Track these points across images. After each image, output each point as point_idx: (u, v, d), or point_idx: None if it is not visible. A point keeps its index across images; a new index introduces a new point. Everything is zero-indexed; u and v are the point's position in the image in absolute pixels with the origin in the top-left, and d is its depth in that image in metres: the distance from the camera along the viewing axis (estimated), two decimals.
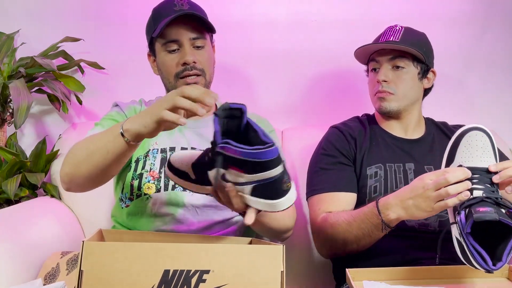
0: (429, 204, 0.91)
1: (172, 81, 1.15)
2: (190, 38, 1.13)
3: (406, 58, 1.22)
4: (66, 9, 1.69)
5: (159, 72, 1.21)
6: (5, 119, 1.59)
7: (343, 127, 1.29)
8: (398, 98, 1.22)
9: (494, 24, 1.70)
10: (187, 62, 1.12)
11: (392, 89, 1.21)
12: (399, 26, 1.25)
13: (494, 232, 0.81)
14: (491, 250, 0.80)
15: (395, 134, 1.27)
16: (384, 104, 1.22)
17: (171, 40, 1.13)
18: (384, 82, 1.21)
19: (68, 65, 1.66)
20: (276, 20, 1.69)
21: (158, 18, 1.13)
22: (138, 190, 1.12)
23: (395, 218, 0.98)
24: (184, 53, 1.13)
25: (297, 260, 1.41)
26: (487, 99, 1.71)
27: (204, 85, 1.16)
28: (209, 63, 1.17)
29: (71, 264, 1.14)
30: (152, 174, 1.13)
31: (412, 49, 1.19)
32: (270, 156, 0.73)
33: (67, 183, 0.98)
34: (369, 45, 1.24)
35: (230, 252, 0.75)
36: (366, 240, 1.04)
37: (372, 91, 1.27)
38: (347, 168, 1.21)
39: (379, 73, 1.23)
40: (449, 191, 0.86)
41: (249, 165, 0.73)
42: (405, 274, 0.91)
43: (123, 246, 0.75)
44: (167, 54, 1.14)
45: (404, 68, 1.22)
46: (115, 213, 1.19)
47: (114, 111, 1.18)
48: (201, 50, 1.15)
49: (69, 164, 0.96)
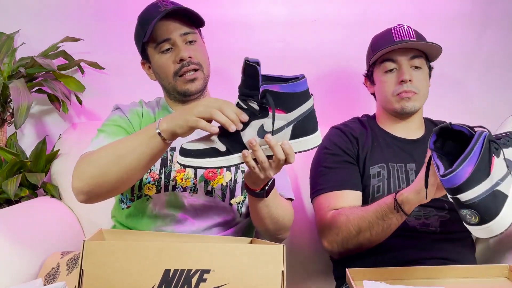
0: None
1: (172, 81, 1.14)
2: (181, 34, 1.13)
3: (422, 57, 1.23)
4: (66, 9, 1.69)
5: (156, 76, 1.20)
6: (5, 119, 1.59)
7: (344, 127, 1.29)
8: (420, 97, 1.23)
9: (493, 24, 1.70)
10: (183, 58, 1.12)
11: (417, 88, 1.21)
12: (407, 25, 1.24)
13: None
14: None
15: (396, 134, 1.27)
16: (410, 104, 1.21)
17: (163, 40, 1.12)
18: (409, 81, 1.20)
19: (68, 65, 1.66)
20: (276, 20, 1.69)
21: (145, 23, 1.12)
22: (139, 191, 1.12)
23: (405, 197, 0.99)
24: (178, 50, 1.12)
25: (298, 260, 1.41)
26: (487, 99, 1.71)
27: (203, 78, 1.15)
28: (204, 56, 1.17)
29: (71, 264, 1.14)
30: (152, 175, 1.13)
31: (437, 45, 1.21)
32: (304, 87, 0.83)
33: (87, 193, 0.97)
34: (402, 43, 1.19)
35: (231, 252, 0.75)
36: (379, 227, 1.04)
37: (391, 92, 1.22)
38: (352, 167, 1.21)
39: (404, 73, 1.20)
40: None
41: (289, 100, 0.82)
42: (405, 274, 0.91)
43: (123, 245, 0.75)
44: (162, 55, 1.14)
45: (421, 68, 1.23)
46: (116, 214, 1.19)
47: (117, 115, 1.17)
48: (194, 45, 1.15)
49: (89, 173, 0.95)
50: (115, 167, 0.93)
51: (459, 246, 1.17)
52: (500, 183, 0.79)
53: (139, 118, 1.17)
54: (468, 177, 0.76)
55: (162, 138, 0.90)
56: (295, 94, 0.82)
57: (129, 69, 1.68)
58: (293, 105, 0.83)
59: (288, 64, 1.69)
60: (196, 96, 1.17)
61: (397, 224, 1.03)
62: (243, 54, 1.65)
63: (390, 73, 1.23)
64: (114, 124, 1.13)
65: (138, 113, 1.19)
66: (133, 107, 1.21)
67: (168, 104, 1.21)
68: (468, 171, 0.76)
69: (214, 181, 1.14)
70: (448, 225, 1.15)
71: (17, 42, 1.65)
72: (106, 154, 0.95)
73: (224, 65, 1.56)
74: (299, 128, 0.85)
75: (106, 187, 0.96)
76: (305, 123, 0.85)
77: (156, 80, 1.21)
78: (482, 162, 0.77)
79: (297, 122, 0.84)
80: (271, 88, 0.81)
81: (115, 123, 1.13)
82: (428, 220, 1.14)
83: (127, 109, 1.19)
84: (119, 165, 0.93)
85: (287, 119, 0.83)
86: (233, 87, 1.69)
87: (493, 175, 0.78)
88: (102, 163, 0.94)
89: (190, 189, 1.13)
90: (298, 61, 1.69)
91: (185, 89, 1.14)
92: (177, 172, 1.13)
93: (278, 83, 0.81)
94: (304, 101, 0.83)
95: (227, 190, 1.15)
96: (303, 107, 0.83)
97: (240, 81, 0.85)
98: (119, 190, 1.00)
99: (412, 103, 1.21)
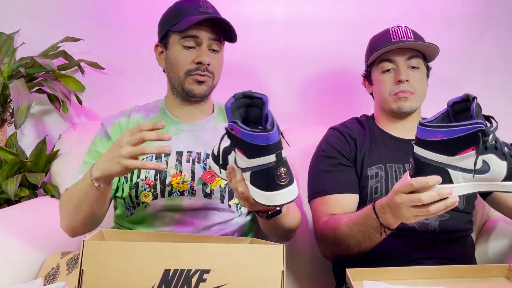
0: (410, 215, 0.88)
1: (182, 76, 1.14)
2: (210, 38, 1.13)
3: (419, 57, 1.23)
4: (66, 9, 1.69)
5: (166, 65, 1.18)
6: (5, 119, 1.59)
7: (342, 128, 1.29)
8: (417, 97, 1.23)
9: (493, 24, 1.70)
10: (203, 63, 1.12)
11: (414, 88, 1.21)
12: (404, 26, 1.25)
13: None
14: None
15: (395, 134, 1.27)
16: (406, 104, 1.21)
17: (191, 36, 1.12)
18: (406, 82, 1.20)
19: (68, 65, 1.66)
20: (276, 20, 1.69)
21: (181, 13, 1.12)
22: (136, 198, 1.12)
23: (393, 221, 0.96)
24: (201, 53, 1.12)
25: (298, 260, 1.40)
26: (486, 99, 1.70)
27: (211, 87, 1.16)
28: (219, 68, 1.18)
29: (71, 264, 1.14)
30: (147, 182, 1.12)
31: (435, 45, 1.20)
32: (264, 141, 0.75)
33: (70, 232, 1.10)
34: (399, 43, 1.20)
35: (231, 252, 0.75)
36: (367, 243, 1.04)
37: (388, 92, 1.23)
38: (348, 169, 1.21)
39: (401, 73, 1.20)
40: (431, 211, 0.84)
41: (248, 148, 0.76)
42: (405, 274, 0.91)
43: (123, 245, 0.75)
44: (183, 50, 1.13)
45: (419, 68, 1.23)
46: (118, 220, 1.19)
47: (97, 137, 1.18)
48: (216, 54, 1.15)
49: (64, 218, 1.08)
50: (76, 213, 1.03)
51: (459, 246, 1.17)
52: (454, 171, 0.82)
53: (121, 132, 1.15)
54: (435, 140, 0.80)
55: (98, 185, 0.96)
56: (253, 144, 0.75)
57: (129, 69, 1.69)
58: (251, 154, 0.77)
59: (288, 64, 1.70)
60: (198, 99, 1.17)
61: (385, 236, 1.01)
62: (243, 54, 1.67)
63: (388, 73, 1.23)
64: (95, 150, 1.15)
65: (121, 126, 1.17)
66: (118, 117, 1.19)
67: (167, 107, 1.21)
68: (438, 136, 0.80)
69: (212, 184, 1.14)
70: (447, 225, 1.15)
71: (17, 42, 1.65)
72: (66, 204, 1.06)
73: (223, 65, 1.56)
74: (256, 179, 0.79)
75: (80, 229, 1.08)
76: (259, 176, 0.78)
77: (164, 67, 1.20)
78: (456, 141, 0.79)
79: (255, 172, 0.78)
80: (234, 129, 0.77)
81: (95, 148, 1.16)
82: (427, 220, 1.14)
83: (110, 123, 1.18)
84: (77, 212, 1.03)
85: (248, 163, 0.78)
86: (232, 87, 1.70)
87: (458, 160, 0.81)
88: (67, 213, 1.06)
89: (188, 192, 1.13)
90: (298, 61, 1.69)
91: (191, 89, 1.14)
92: (173, 177, 1.13)
93: (243, 129, 0.75)
94: (262, 155, 0.76)
95: (226, 192, 1.15)
96: (261, 159, 0.76)
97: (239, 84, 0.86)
98: (93, 225, 1.09)
99: (409, 103, 1.22)
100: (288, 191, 0.78)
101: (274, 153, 0.76)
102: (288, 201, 0.79)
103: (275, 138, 0.75)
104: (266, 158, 0.76)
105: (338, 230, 1.07)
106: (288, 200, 0.79)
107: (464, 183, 0.83)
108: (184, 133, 1.18)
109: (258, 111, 0.81)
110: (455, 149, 0.80)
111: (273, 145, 0.75)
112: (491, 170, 0.82)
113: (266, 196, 0.79)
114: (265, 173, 0.77)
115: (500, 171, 0.83)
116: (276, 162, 0.76)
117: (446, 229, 1.14)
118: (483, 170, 0.82)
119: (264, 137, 0.75)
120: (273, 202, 0.79)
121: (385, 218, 0.96)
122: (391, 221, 0.96)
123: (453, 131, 0.79)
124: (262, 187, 0.79)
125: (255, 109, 0.82)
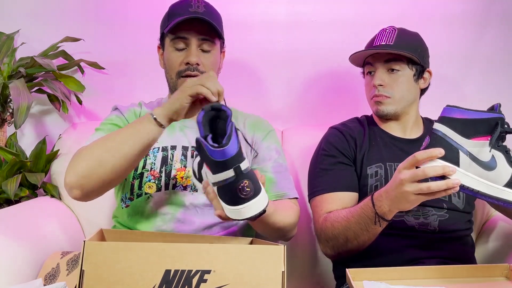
0: (411, 192, 0.89)
1: (174, 77, 1.16)
2: (198, 39, 1.14)
3: (400, 60, 1.22)
4: (66, 9, 1.69)
5: (164, 66, 1.22)
6: (5, 119, 1.59)
7: (342, 127, 1.29)
8: (395, 101, 1.22)
9: (493, 24, 1.70)
10: (190, 63, 1.13)
11: (389, 92, 1.22)
12: (392, 28, 1.25)
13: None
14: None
15: (394, 134, 1.27)
16: (381, 107, 1.23)
17: (179, 37, 1.14)
18: (380, 86, 1.21)
19: (68, 65, 1.66)
20: (275, 20, 1.69)
21: (172, 15, 1.15)
22: (139, 189, 1.12)
23: (388, 210, 0.97)
24: (189, 53, 1.14)
25: (298, 260, 1.41)
26: (486, 99, 1.71)
27: None
28: (213, 67, 1.17)
29: (71, 264, 1.14)
30: (152, 173, 1.13)
31: (406, 52, 1.19)
32: (220, 156, 0.73)
33: (81, 187, 0.97)
34: (362, 51, 1.24)
35: (231, 252, 0.75)
36: (365, 236, 1.04)
37: (369, 95, 1.27)
38: (347, 168, 1.21)
39: (375, 78, 1.22)
40: (432, 187, 0.86)
41: (211, 163, 0.75)
42: (405, 274, 0.91)
43: (124, 246, 0.75)
44: (174, 51, 1.16)
45: (399, 71, 1.22)
46: (117, 214, 1.20)
47: (114, 115, 1.18)
48: (207, 54, 1.16)
49: (84, 164, 0.96)
50: (110, 156, 0.94)
51: (459, 246, 1.17)
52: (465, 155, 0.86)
53: (136, 117, 1.18)
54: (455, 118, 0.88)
55: (158, 123, 0.95)
56: (213, 160, 0.74)
57: (129, 69, 1.69)
58: (214, 169, 0.76)
59: (288, 64, 1.70)
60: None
61: (382, 228, 1.02)
62: (243, 54, 1.67)
63: (369, 76, 1.27)
64: (111, 123, 1.14)
65: (136, 113, 1.20)
66: (132, 107, 1.22)
67: None
68: (459, 115, 0.88)
69: None
70: (447, 224, 1.15)
71: (17, 42, 1.65)
72: (101, 144, 0.97)
73: (224, 65, 1.56)
74: (222, 194, 0.79)
75: (100, 179, 0.95)
76: (224, 191, 0.78)
77: (164, 68, 1.23)
78: (474, 123, 0.86)
79: (220, 187, 0.78)
80: (202, 144, 0.75)
81: (112, 122, 1.15)
82: (427, 219, 1.14)
83: (125, 109, 1.21)
84: (114, 153, 0.94)
85: (214, 178, 0.77)
86: (232, 87, 1.70)
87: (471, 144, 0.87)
88: (97, 153, 0.95)
89: (191, 187, 1.13)
90: (298, 61, 1.69)
91: None
92: (178, 171, 1.13)
93: (207, 143, 0.74)
94: (221, 170, 0.75)
95: None
96: (221, 175, 0.75)
97: (239, 83, 0.86)
98: (113, 183, 0.99)
99: (385, 107, 1.22)
100: (254, 203, 0.77)
101: (232, 168, 0.74)
102: (256, 213, 0.78)
103: (230, 153, 0.73)
104: (225, 173, 0.75)
105: (336, 223, 1.08)
106: (256, 212, 0.78)
107: (469, 172, 0.85)
108: (189, 130, 1.21)
109: (224, 124, 0.79)
110: (471, 132, 0.86)
111: (229, 160, 0.74)
112: (497, 169, 0.85)
113: (232, 210, 0.78)
114: (228, 188, 0.76)
115: (504, 174, 0.85)
116: (236, 177, 0.75)
117: (446, 229, 1.14)
118: (490, 166, 0.85)
119: (219, 152, 0.73)
120: (241, 216, 0.78)
121: (380, 206, 0.98)
122: (385, 210, 0.97)
123: (474, 113, 0.86)
124: (228, 202, 0.78)
125: (222, 122, 0.80)
